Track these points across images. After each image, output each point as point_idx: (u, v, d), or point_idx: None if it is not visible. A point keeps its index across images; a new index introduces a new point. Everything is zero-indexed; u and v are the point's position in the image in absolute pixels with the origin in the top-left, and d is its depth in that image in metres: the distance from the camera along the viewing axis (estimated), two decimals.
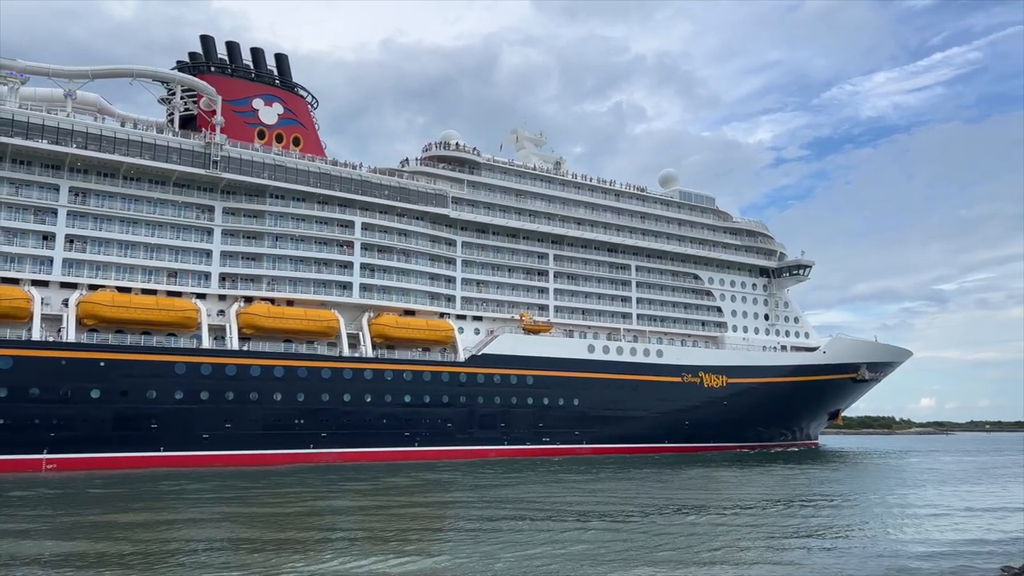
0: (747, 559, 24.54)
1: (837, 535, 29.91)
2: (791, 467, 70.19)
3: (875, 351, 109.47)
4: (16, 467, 57.27)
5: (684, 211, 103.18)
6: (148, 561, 23.52)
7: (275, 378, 68.33)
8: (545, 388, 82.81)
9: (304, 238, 74.99)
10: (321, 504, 40.73)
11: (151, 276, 68.03)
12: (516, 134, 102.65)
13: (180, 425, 63.86)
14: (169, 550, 25.43)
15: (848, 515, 36.16)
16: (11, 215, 63.25)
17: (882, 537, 29.65)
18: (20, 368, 58.63)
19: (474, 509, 37.62)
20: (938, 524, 33.62)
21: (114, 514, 35.87)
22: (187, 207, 70.53)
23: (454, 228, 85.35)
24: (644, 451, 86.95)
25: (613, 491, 47.27)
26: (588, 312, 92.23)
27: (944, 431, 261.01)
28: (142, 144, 67.56)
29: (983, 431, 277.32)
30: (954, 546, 27.51)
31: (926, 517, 35.84)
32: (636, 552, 25.37)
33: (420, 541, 27.85)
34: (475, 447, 77.53)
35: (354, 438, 71.32)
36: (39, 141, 63.37)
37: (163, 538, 28.26)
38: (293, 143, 79.25)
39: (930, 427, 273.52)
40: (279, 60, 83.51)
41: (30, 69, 66.57)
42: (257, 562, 23.14)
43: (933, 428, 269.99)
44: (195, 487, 47.38)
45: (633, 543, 27.26)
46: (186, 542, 27.28)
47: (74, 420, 60.10)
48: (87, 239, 65.96)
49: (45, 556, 24.70)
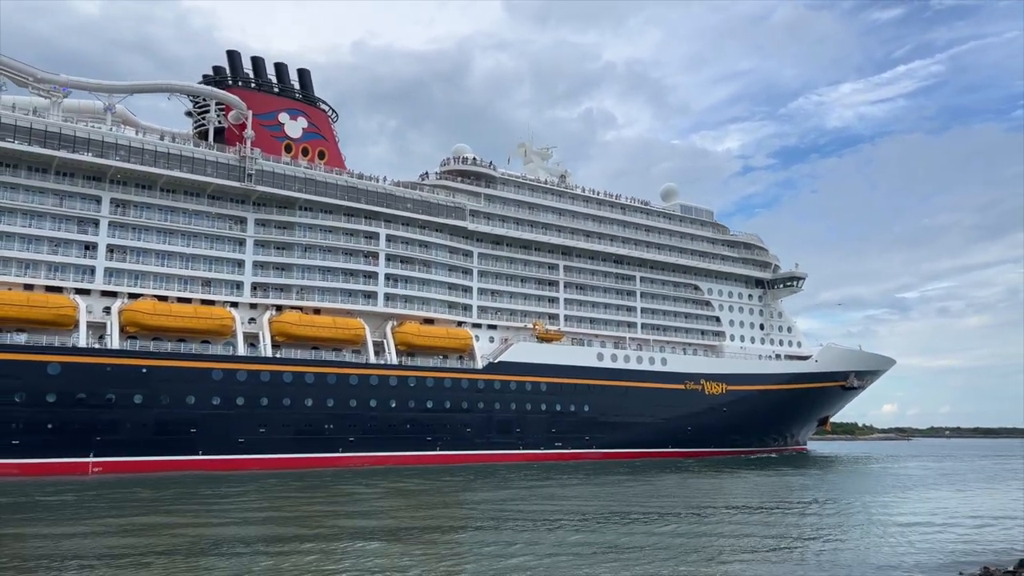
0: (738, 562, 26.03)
1: (827, 538, 30.96)
2: (793, 471, 74.22)
3: (863, 360, 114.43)
4: (64, 470, 59.32)
5: (685, 224, 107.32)
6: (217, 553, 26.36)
7: (306, 384, 70.87)
8: (557, 395, 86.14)
9: (331, 249, 77.59)
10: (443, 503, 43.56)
11: (187, 285, 70.25)
12: (524, 148, 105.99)
13: (217, 429, 66.16)
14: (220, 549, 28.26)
15: (837, 519, 37.55)
16: (56, 225, 65.18)
17: (866, 540, 30.50)
18: (67, 374, 60.65)
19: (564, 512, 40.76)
20: (918, 527, 34.56)
21: (174, 515, 38.52)
22: (221, 218, 72.88)
23: (471, 240, 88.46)
24: (650, 455, 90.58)
25: (663, 494, 50.71)
26: (595, 321, 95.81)
27: (905, 437, 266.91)
28: (181, 157, 69.86)
29: (943, 437, 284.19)
30: (935, 548, 28.49)
31: (907, 520, 37.02)
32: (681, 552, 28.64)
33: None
34: (492, 452, 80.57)
35: (380, 442, 74.01)
36: (84, 154, 65.44)
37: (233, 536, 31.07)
38: (318, 156, 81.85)
39: (892, 433, 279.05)
40: (302, 75, 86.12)
41: (72, 83, 68.55)
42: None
43: (895, 434, 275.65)
44: (243, 490, 49.95)
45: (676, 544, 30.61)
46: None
47: (118, 424, 62.23)
48: (127, 249, 68.06)
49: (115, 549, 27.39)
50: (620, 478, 62.04)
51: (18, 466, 57.79)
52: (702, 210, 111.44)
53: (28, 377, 59.14)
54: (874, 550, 28.10)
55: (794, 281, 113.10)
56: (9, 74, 65.44)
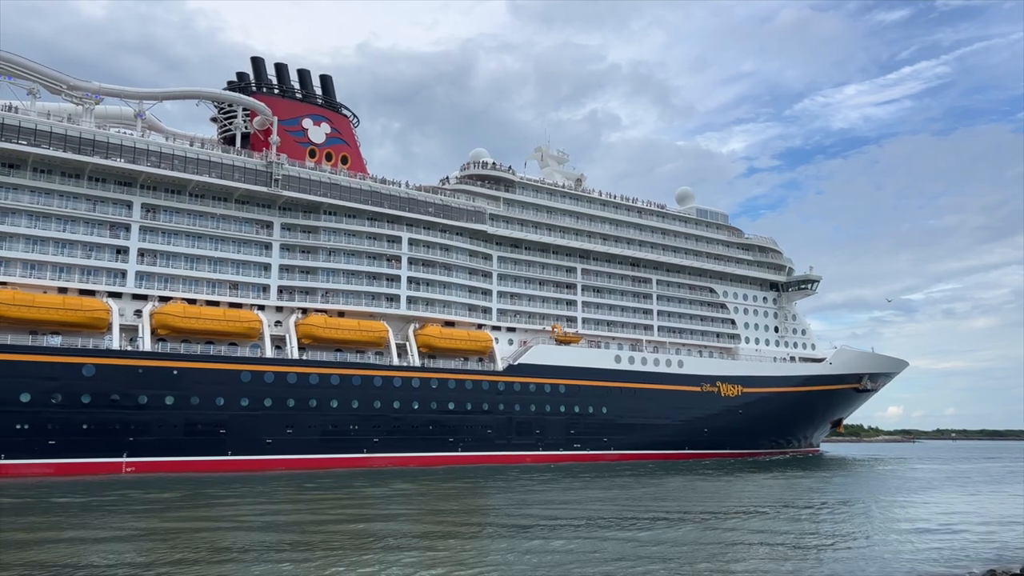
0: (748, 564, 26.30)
1: (837, 541, 31.24)
2: (809, 474, 75.04)
3: (876, 362, 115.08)
4: (98, 469, 60.66)
5: (700, 227, 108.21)
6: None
7: (332, 386, 72.06)
8: (576, 396, 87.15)
9: (355, 252, 78.80)
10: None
11: (215, 288, 71.52)
12: (541, 152, 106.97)
13: (246, 430, 67.40)
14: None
15: (848, 521, 37.77)
16: (89, 230, 66.55)
17: (875, 543, 30.72)
18: (102, 376, 61.97)
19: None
20: (926, 529, 34.77)
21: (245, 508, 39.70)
22: (248, 223, 74.18)
23: (490, 243, 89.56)
24: (666, 457, 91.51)
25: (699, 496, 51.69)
26: (613, 323, 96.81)
27: (911, 439, 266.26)
28: (209, 163, 71.17)
29: (949, 439, 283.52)
30: (942, 550, 28.69)
31: (915, 523, 37.35)
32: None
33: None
34: (513, 453, 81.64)
35: (403, 443, 75.16)
36: (116, 160, 66.77)
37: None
38: (341, 161, 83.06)
39: (897, 435, 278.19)
40: (324, 81, 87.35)
41: (104, 91, 69.94)
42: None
43: (900, 436, 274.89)
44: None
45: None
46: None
47: (150, 425, 63.51)
48: (157, 253, 69.38)
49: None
50: (648, 479, 62.97)
51: (54, 466, 59.16)
52: (717, 213, 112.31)
53: (64, 379, 60.50)
54: (882, 553, 28.35)
55: (808, 284, 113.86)
56: (44, 82, 66.86)
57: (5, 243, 63.15)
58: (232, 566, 24.59)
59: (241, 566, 24.66)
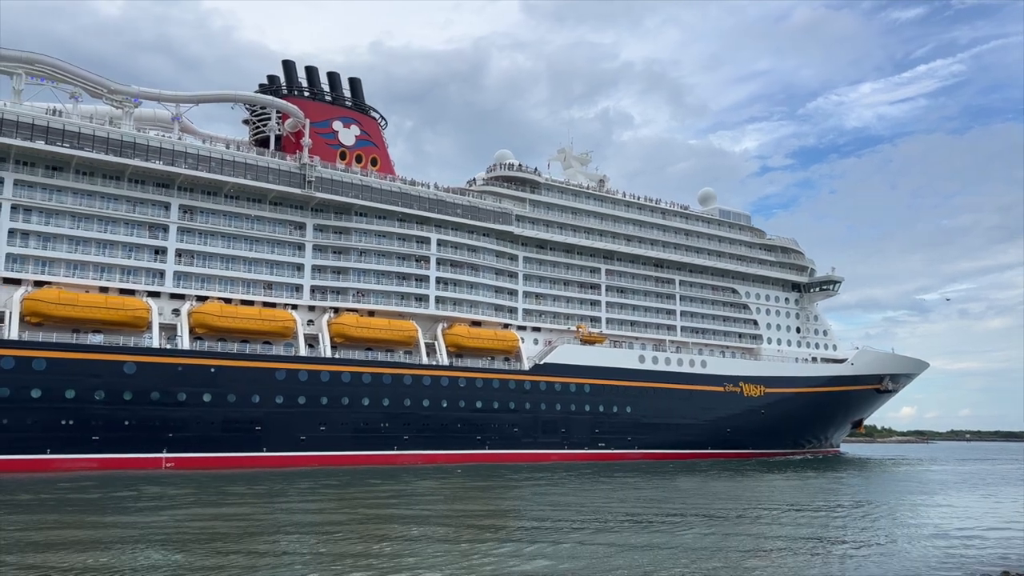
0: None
1: (852, 541, 31.15)
2: (832, 474, 75.66)
3: (897, 363, 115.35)
4: (139, 465, 62.21)
5: (723, 228, 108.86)
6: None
7: (363, 384, 73.38)
8: (601, 396, 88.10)
9: (385, 253, 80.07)
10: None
11: (249, 288, 72.97)
12: (564, 153, 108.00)
13: (281, 427, 68.80)
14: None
15: (864, 522, 37.56)
16: (129, 231, 68.14)
17: (891, 544, 30.65)
18: (142, 373, 63.53)
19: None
20: (942, 530, 34.74)
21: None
22: (282, 224, 75.60)
23: (516, 244, 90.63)
24: (690, 456, 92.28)
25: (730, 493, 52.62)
26: (636, 324, 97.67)
27: (924, 440, 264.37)
28: (245, 165, 72.58)
29: (963, 440, 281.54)
30: (958, 552, 28.60)
31: (932, 524, 37.38)
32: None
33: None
34: (539, 451, 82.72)
35: (432, 441, 76.41)
36: (155, 162, 68.29)
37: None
38: (371, 163, 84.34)
39: (911, 436, 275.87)
40: (352, 84, 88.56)
41: (143, 94, 71.49)
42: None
43: (914, 437, 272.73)
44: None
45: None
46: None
47: (189, 422, 65.04)
48: (194, 253, 70.90)
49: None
50: (687, 477, 63.88)
51: (98, 461, 60.79)
52: (740, 214, 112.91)
53: (107, 376, 62.07)
54: (898, 553, 28.41)
55: (830, 285, 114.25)
56: (85, 85, 68.44)
57: (50, 244, 64.82)
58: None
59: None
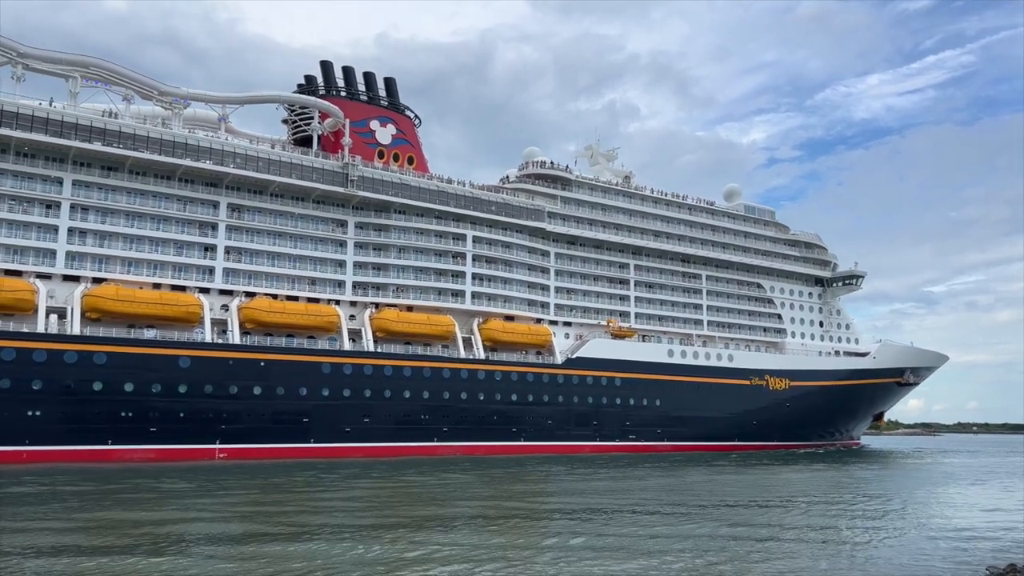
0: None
1: (864, 533, 31.08)
2: (857, 465, 77.41)
3: (919, 356, 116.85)
4: (194, 455, 64.56)
5: (748, 224, 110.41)
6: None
7: (405, 377, 75.53)
8: (631, 389, 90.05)
9: (423, 250, 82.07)
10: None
11: (294, 284, 75.12)
12: (592, 150, 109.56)
13: (327, 419, 71.03)
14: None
15: (878, 514, 37.49)
16: (180, 228, 70.34)
17: (901, 535, 30.65)
18: (196, 367, 65.82)
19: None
20: (952, 522, 34.87)
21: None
22: (324, 222, 77.65)
23: (547, 240, 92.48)
24: (718, 448, 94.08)
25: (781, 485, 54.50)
26: (664, 318, 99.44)
27: (931, 432, 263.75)
28: (291, 164, 74.64)
29: (970, 433, 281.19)
30: (966, 544, 28.45)
31: (943, 515, 37.58)
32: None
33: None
34: (571, 443, 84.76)
35: (470, 433, 78.52)
36: (205, 162, 70.41)
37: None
38: (408, 161, 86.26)
39: (917, 428, 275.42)
40: (388, 83, 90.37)
41: (192, 96, 73.61)
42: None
43: (920, 429, 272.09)
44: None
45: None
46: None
47: (240, 414, 67.32)
48: (242, 250, 73.05)
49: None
50: (733, 470, 65.75)
51: (155, 452, 63.15)
52: (764, 210, 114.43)
53: (163, 370, 64.37)
54: (906, 544, 28.51)
55: (853, 279, 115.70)
56: (137, 88, 70.56)
57: (106, 242, 67.06)
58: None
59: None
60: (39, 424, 59.26)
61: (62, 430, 60.04)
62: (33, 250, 63.97)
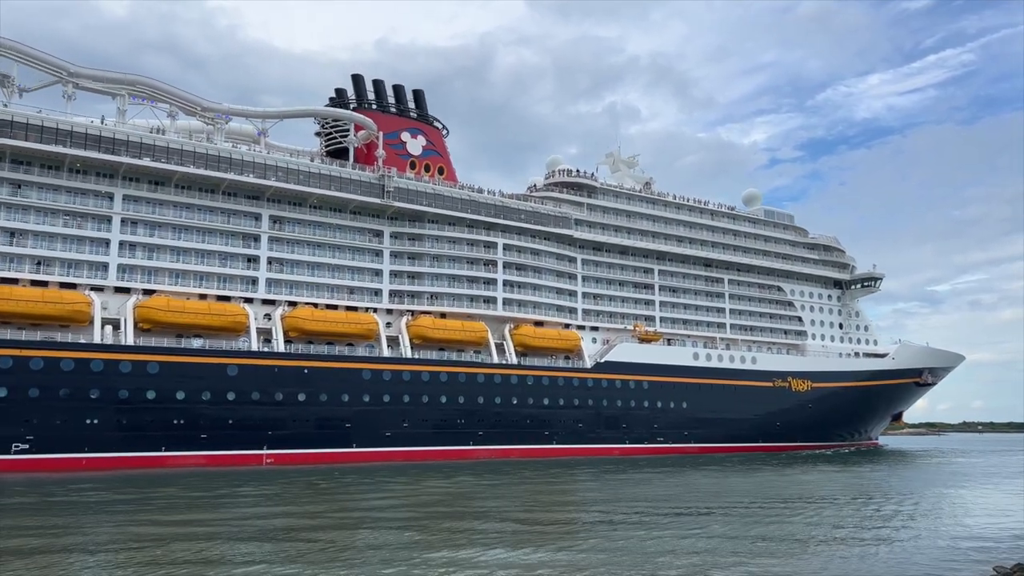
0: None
1: (875, 531, 31.55)
2: (877, 465, 78.97)
3: (937, 357, 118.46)
4: (242, 461, 66.47)
5: (768, 228, 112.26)
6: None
7: (441, 383, 77.44)
8: (658, 392, 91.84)
9: (456, 258, 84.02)
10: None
11: (333, 293, 77.08)
12: (612, 157, 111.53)
13: (368, 424, 72.93)
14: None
15: (892, 512, 38.18)
16: (224, 240, 72.38)
17: (914, 534, 30.86)
18: (243, 375, 67.80)
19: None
20: (934, 523, 34.85)
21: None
22: (362, 232, 79.67)
23: (574, 247, 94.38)
24: (743, 450, 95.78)
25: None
26: (688, 322, 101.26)
27: (936, 432, 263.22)
28: (330, 177, 76.71)
29: (975, 432, 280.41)
30: (976, 542, 28.55)
31: (956, 514, 37.91)
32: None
33: None
34: (601, 445, 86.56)
35: (504, 436, 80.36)
36: (248, 176, 72.48)
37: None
38: (438, 172, 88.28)
39: (922, 428, 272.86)
40: (416, 95, 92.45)
41: (233, 111, 75.75)
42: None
43: (925, 429, 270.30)
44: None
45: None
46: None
47: (286, 420, 69.27)
48: (283, 261, 75.07)
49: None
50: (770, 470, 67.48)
51: (205, 458, 65.11)
52: (783, 214, 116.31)
53: (212, 378, 66.39)
54: (918, 544, 28.80)
55: (872, 281, 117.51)
56: (181, 104, 72.65)
57: (154, 254, 69.15)
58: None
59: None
60: (97, 432, 61.33)
61: (118, 438, 62.10)
62: (87, 263, 66.09)
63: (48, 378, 60.04)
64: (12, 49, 65.69)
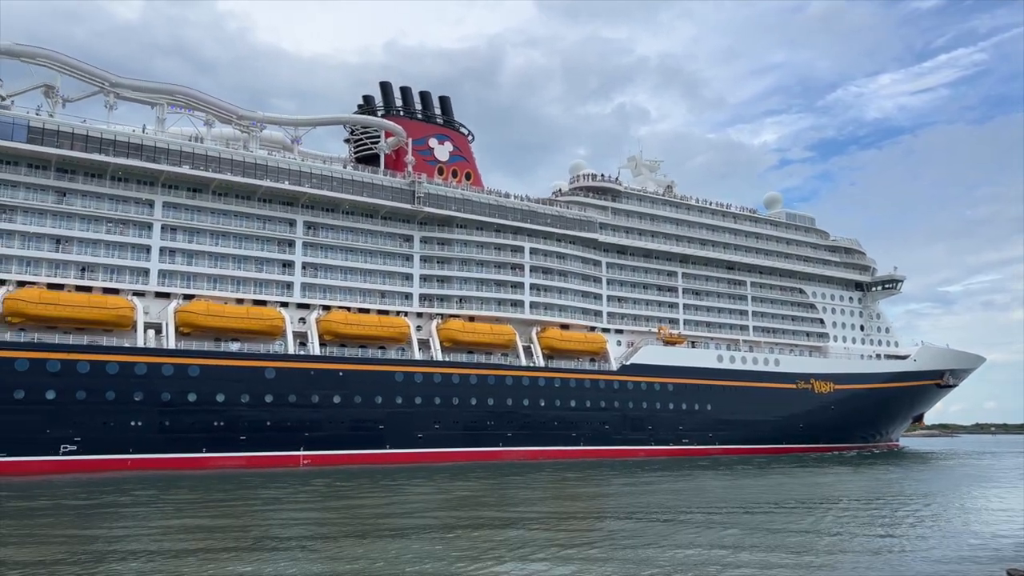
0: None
1: (894, 533, 31.66)
2: (902, 467, 79.50)
3: (958, 358, 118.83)
4: (279, 462, 67.93)
5: (790, 231, 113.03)
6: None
7: (471, 385, 78.72)
8: (683, 394, 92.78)
9: (484, 262, 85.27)
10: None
11: (365, 297, 78.48)
12: (635, 161, 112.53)
13: (400, 426, 74.26)
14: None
15: (911, 513, 38.33)
16: (260, 246, 73.93)
17: (930, 535, 30.89)
18: (281, 377, 69.28)
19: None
20: (946, 525, 34.81)
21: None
22: (392, 237, 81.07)
23: (599, 250, 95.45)
24: (768, 451, 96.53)
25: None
26: (711, 324, 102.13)
27: (949, 433, 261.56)
28: (363, 183, 78.16)
29: (989, 434, 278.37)
30: (960, 548, 28.37)
31: (939, 518, 37.56)
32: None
33: None
34: (628, 447, 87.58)
35: (532, 438, 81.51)
36: (284, 182, 73.99)
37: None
38: (465, 177, 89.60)
39: (935, 429, 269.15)
40: (443, 101, 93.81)
41: (267, 119, 77.42)
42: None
43: (938, 430, 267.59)
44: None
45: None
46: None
47: (321, 422, 70.69)
48: (317, 266, 76.55)
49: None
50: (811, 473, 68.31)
51: (244, 459, 66.58)
52: (804, 216, 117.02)
53: (250, 381, 67.87)
54: (933, 545, 28.85)
55: (893, 283, 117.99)
56: (217, 112, 74.26)
57: (193, 260, 70.74)
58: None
59: None
60: (141, 433, 62.92)
61: (161, 439, 63.66)
62: (129, 269, 67.72)
63: (94, 381, 61.67)
64: (58, 61, 67.45)
